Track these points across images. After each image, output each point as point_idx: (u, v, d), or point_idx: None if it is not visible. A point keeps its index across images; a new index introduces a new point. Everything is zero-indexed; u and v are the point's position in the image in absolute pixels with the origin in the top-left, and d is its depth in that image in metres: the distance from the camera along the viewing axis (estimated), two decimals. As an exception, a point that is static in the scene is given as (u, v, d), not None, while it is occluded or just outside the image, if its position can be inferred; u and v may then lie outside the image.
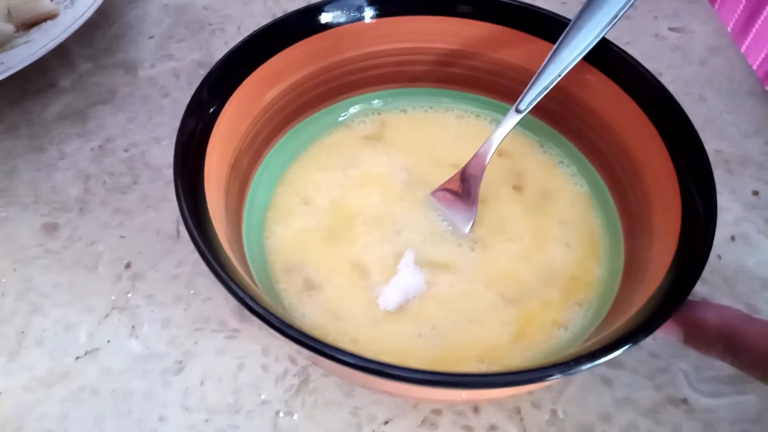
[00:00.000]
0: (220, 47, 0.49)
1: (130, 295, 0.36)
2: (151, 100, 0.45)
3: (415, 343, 0.31)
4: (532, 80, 0.34)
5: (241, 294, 0.24)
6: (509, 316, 0.32)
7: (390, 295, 0.32)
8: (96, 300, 0.36)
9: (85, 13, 0.43)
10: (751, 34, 0.48)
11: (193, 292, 0.36)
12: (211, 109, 0.32)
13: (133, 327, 0.35)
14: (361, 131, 0.39)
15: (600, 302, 0.32)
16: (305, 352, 0.24)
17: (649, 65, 0.33)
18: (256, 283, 0.30)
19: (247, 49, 0.34)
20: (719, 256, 0.38)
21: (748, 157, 0.43)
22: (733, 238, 0.39)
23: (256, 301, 0.24)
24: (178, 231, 0.38)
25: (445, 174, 0.36)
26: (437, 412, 0.32)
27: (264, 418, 0.32)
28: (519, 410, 0.32)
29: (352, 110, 0.40)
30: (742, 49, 0.49)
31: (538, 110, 0.35)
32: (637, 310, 0.26)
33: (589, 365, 0.23)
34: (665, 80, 0.33)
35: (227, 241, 0.28)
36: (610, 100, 0.34)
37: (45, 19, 0.44)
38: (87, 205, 0.40)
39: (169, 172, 0.29)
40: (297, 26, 0.35)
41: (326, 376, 0.33)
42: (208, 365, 0.34)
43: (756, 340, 0.25)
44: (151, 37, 0.50)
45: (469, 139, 0.37)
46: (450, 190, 0.35)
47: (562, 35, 0.34)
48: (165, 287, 0.36)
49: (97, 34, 0.49)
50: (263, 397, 0.33)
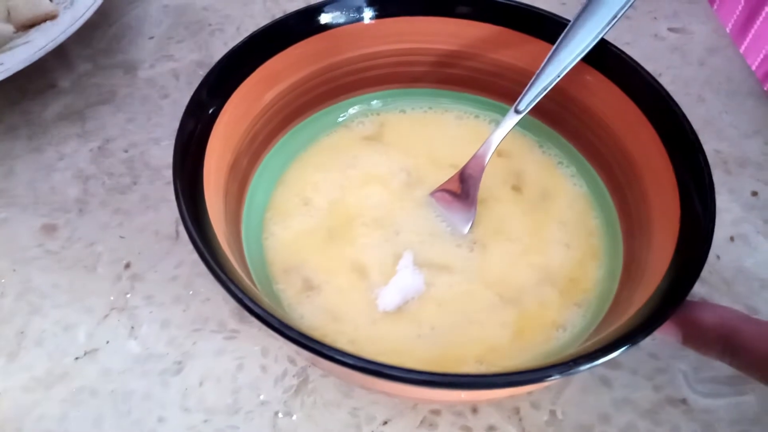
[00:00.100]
0: (220, 48, 0.49)
1: (129, 296, 0.36)
2: (151, 101, 0.45)
3: (414, 343, 0.31)
4: (531, 81, 0.34)
5: (240, 295, 0.24)
6: (508, 317, 0.32)
7: (389, 296, 0.32)
8: (95, 300, 0.36)
9: (84, 13, 0.43)
10: (750, 35, 0.48)
11: (192, 292, 0.36)
12: (211, 110, 0.32)
13: (132, 327, 0.35)
14: (361, 132, 0.39)
15: (599, 303, 0.32)
16: (304, 352, 0.24)
17: (648, 66, 0.33)
18: (255, 284, 0.30)
19: (247, 50, 0.34)
20: (718, 257, 0.38)
21: (747, 158, 0.43)
22: (732, 239, 0.39)
23: (254, 302, 0.24)
24: (178, 231, 0.38)
25: (444, 174, 0.36)
26: (436, 412, 0.32)
27: (263, 418, 0.32)
28: (518, 411, 0.32)
29: (352, 111, 0.40)
30: (741, 50, 0.49)
31: (537, 111, 0.35)
32: (636, 311, 0.26)
33: (588, 366, 0.23)
34: (664, 81, 0.33)
35: (226, 242, 0.28)
36: (609, 100, 0.34)
37: (44, 20, 0.44)
38: (86, 205, 0.40)
39: (169, 173, 0.29)
40: (296, 27, 0.35)
41: (325, 376, 0.33)
42: (207, 366, 0.34)
43: (755, 341, 0.25)
44: (151, 38, 0.50)
45: (468, 140, 0.37)
46: (449, 191, 0.35)
47: (561, 36, 0.34)
48: (164, 288, 0.36)
49: (96, 35, 0.49)
50: (262, 397, 0.33)
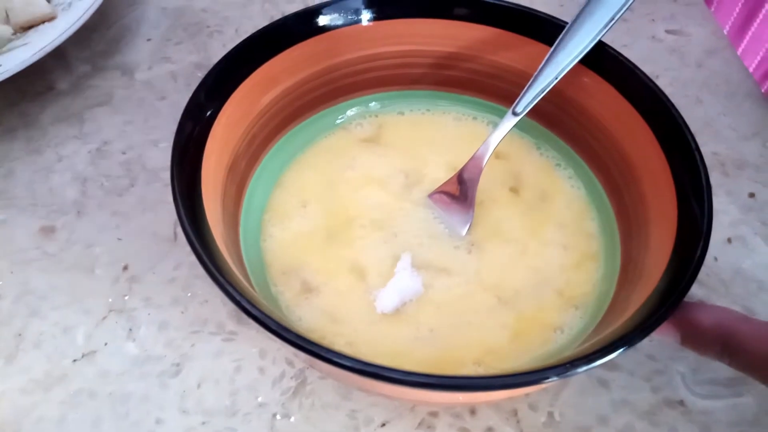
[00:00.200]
0: (218, 50, 0.49)
1: (127, 298, 0.36)
2: (149, 103, 0.45)
3: (412, 345, 0.31)
4: (529, 83, 0.34)
5: (238, 297, 0.24)
6: (506, 319, 0.32)
7: (387, 298, 0.32)
8: (93, 302, 0.36)
9: (82, 15, 0.43)
10: (748, 37, 0.48)
11: (190, 294, 0.36)
12: (209, 112, 0.32)
13: (131, 329, 0.35)
14: (359, 134, 0.39)
15: (596, 304, 0.32)
16: (302, 355, 0.24)
17: (646, 68, 0.34)
18: (253, 286, 0.30)
19: (245, 52, 0.34)
20: (716, 258, 0.38)
21: (745, 160, 0.43)
22: (730, 241, 0.39)
23: (252, 304, 0.24)
24: (176, 233, 0.38)
25: (443, 176, 0.36)
26: (434, 414, 0.32)
27: (261, 420, 0.32)
28: (516, 412, 0.32)
29: (350, 113, 0.40)
30: (739, 52, 0.49)
31: (535, 113, 0.35)
32: (634, 312, 0.27)
33: (586, 368, 0.24)
34: (662, 83, 0.33)
35: (224, 244, 0.28)
36: (606, 102, 0.34)
37: (42, 22, 0.44)
38: (84, 207, 0.40)
39: (167, 175, 0.29)
40: (294, 29, 0.35)
41: (323, 378, 0.33)
42: (205, 368, 0.33)
43: (753, 341, 0.25)
44: (149, 40, 0.50)
45: (467, 142, 0.37)
46: (447, 193, 0.36)
47: (559, 38, 0.34)
48: (162, 290, 0.36)
49: (94, 37, 0.49)
50: (260, 399, 0.33)
